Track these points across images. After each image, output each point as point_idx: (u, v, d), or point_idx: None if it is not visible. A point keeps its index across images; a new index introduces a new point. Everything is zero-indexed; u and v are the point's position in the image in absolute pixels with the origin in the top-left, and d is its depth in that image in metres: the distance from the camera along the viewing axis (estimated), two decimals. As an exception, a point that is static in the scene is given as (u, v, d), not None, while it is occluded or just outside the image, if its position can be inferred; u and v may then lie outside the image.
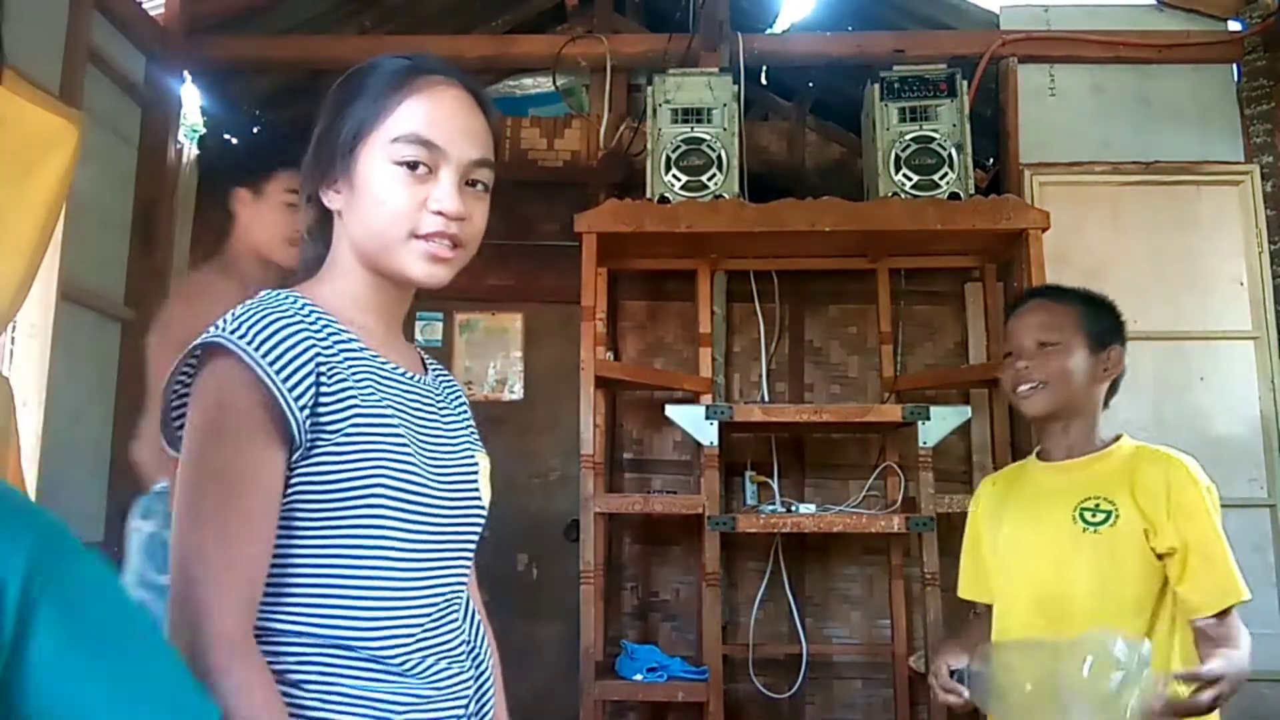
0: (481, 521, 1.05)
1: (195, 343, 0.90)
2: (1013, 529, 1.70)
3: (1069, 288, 1.80)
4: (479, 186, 1.00)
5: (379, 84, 0.98)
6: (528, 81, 4.18)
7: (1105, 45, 3.29)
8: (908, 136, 3.04)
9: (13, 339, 2.56)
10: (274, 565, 0.89)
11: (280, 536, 0.89)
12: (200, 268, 2.28)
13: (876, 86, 3.14)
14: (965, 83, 3.13)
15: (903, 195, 3.00)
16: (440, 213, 0.95)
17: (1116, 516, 1.56)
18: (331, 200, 1.00)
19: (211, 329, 0.89)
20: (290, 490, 0.89)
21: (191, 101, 3.36)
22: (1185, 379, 3.10)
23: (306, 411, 0.87)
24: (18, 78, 2.34)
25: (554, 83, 3.87)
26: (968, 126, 3.07)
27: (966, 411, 2.95)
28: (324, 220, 1.03)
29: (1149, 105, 3.30)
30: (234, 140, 2.31)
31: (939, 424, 2.85)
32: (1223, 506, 1.55)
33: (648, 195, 3.09)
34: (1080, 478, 1.63)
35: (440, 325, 3.85)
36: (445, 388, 1.10)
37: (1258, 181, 3.17)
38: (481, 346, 3.89)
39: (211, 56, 3.37)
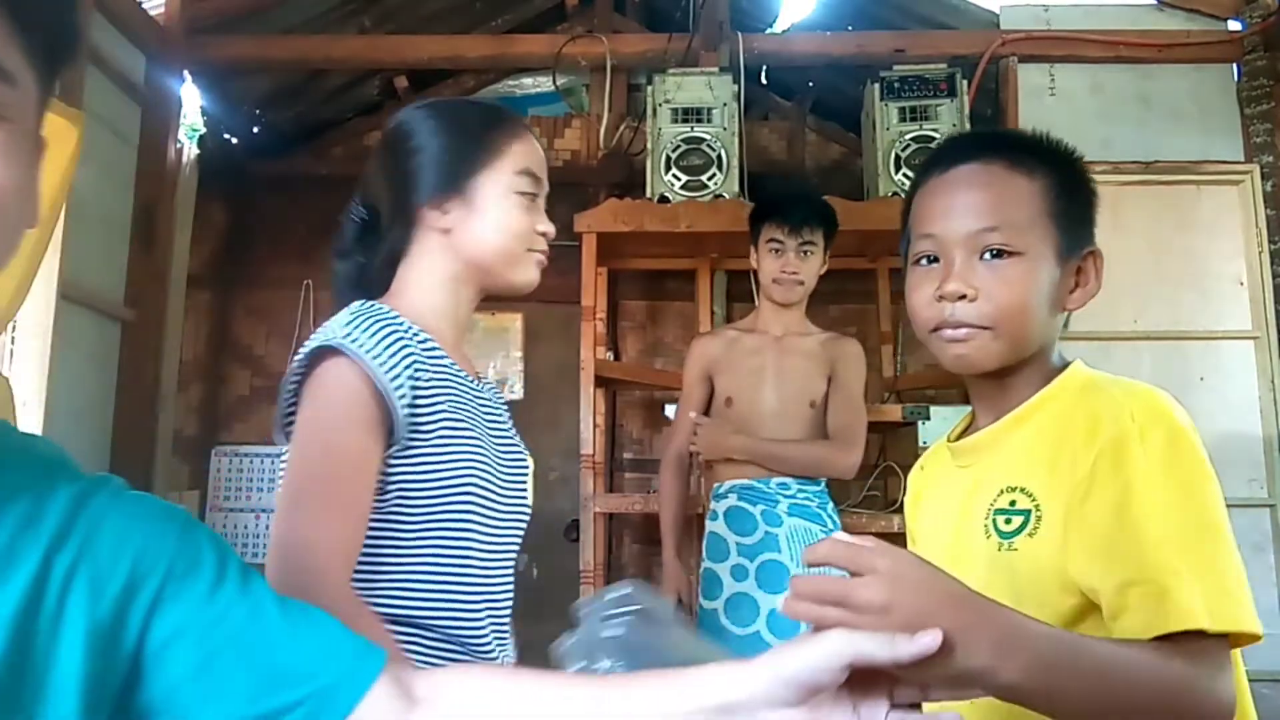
0: (528, 518, 1.18)
1: (311, 346, 1.00)
2: (925, 545, 1.09)
3: (1022, 135, 1.04)
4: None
5: (490, 124, 1.14)
6: (528, 81, 4.18)
7: (1105, 45, 3.29)
8: (908, 136, 3.05)
9: (13, 339, 2.56)
10: (366, 551, 0.99)
11: (375, 526, 1.00)
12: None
13: (876, 86, 3.14)
14: (965, 82, 3.13)
15: (903, 195, 2.99)
16: (544, 233, 1.16)
17: (1036, 517, 0.92)
18: (438, 220, 1.12)
19: (322, 334, 1.00)
20: (390, 484, 1.00)
21: (191, 101, 3.36)
22: (1185, 379, 3.10)
23: (406, 409, 0.98)
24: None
25: (554, 82, 3.87)
26: (968, 126, 3.07)
27: (966, 411, 2.94)
28: (365, 236, 1.15)
29: (1149, 105, 3.30)
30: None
31: (939, 424, 2.85)
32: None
33: (648, 195, 3.09)
34: (998, 459, 0.99)
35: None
36: (493, 393, 1.22)
37: (1258, 181, 3.17)
38: (481, 346, 3.89)
39: (211, 56, 3.37)
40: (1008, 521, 0.94)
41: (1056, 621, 0.84)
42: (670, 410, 2.96)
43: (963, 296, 0.94)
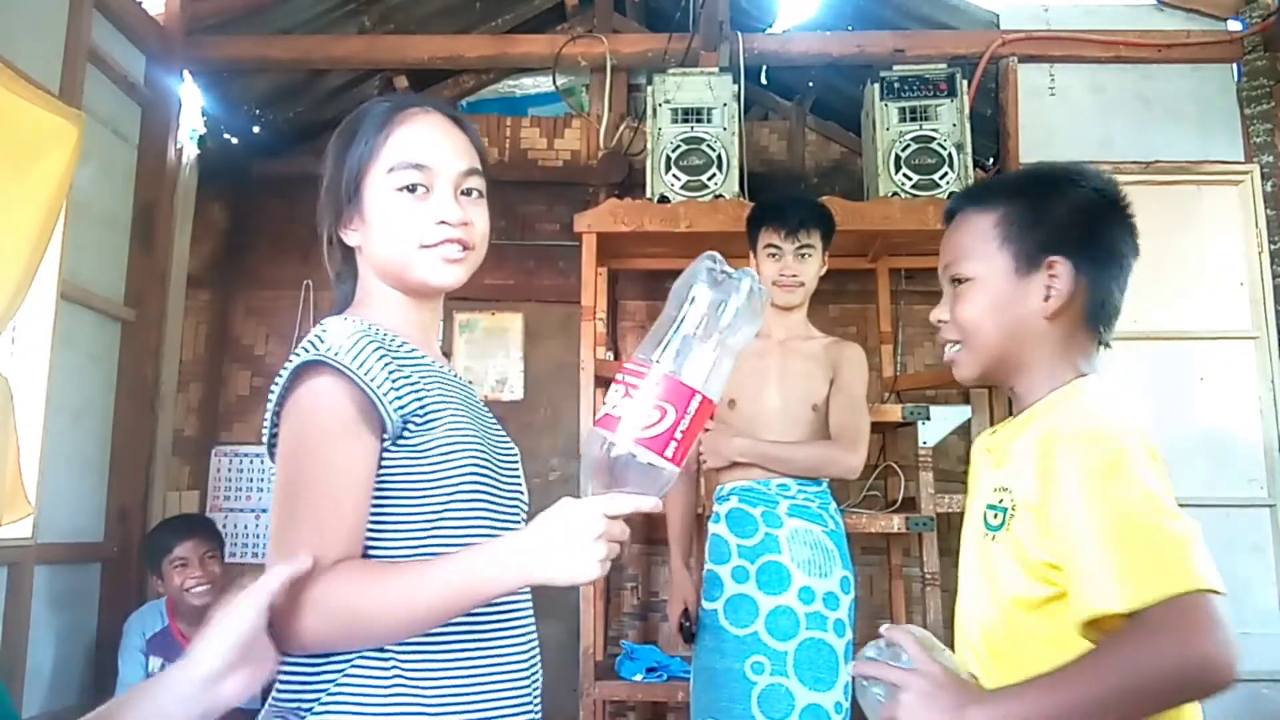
0: (528, 508, 1.16)
1: (295, 364, 1.01)
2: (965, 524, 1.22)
3: (999, 178, 1.30)
4: (474, 194, 1.12)
5: (369, 126, 1.10)
6: (528, 81, 4.18)
7: (1105, 45, 3.29)
8: (908, 136, 3.05)
9: (13, 339, 2.56)
10: (379, 544, 1.00)
11: (383, 519, 1.00)
12: None
13: (876, 86, 3.14)
14: (965, 82, 3.13)
15: (903, 195, 3.00)
16: (443, 222, 1.07)
17: (1010, 515, 1.06)
18: (349, 237, 1.12)
19: (304, 352, 1.01)
20: (393, 478, 1.00)
21: (191, 101, 3.36)
22: (1185, 379, 3.10)
23: (395, 403, 0.99)
24: (17, 76, 2.34)
25: (554, 83, 3.87)
26: (968, 126, 3.07)
27: (966, 411, 2.95)
28: (348, 259, 1.15)
29: (1149, 105, 3.30)
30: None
31: (939, 424, 2.85)
32: (1223, 507, 1.30)
33: (648, 195, 3.09)
34: (1003, 458, 1.14)
35: (440, 325, 3.84)
36: (473, 389, 1.22)
37: (1258, 181, 3.17)
38: (481, 346, 3.88)
39: (211, 56, 3.37)
40: (995, 516, 1.09)
41: (1024, 605, 1.03)
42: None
43: (943, 320, 1.17)
